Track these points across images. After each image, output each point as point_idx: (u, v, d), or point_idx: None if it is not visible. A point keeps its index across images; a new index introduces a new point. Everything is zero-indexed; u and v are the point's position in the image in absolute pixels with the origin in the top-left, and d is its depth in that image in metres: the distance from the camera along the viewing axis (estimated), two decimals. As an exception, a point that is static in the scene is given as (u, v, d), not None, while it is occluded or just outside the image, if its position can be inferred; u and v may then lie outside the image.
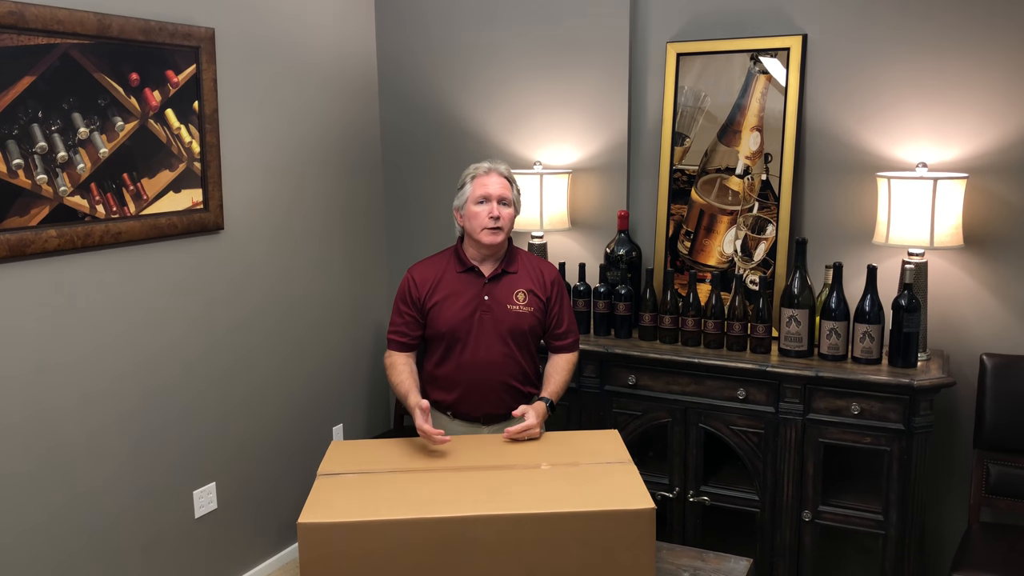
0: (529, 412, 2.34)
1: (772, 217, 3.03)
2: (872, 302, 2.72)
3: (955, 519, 2.93)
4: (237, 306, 3.08)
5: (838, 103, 2.95)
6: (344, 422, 3.65)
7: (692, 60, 3.13)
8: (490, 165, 2.50)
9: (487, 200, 2.44)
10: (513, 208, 2.50)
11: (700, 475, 2.94)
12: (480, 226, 2.44)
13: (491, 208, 2.44)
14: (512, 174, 2.54)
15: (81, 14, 2.46)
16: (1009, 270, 2.79)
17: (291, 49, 3.24)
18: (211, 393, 3.00)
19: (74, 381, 2.55)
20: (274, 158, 3.20)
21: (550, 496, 1.97)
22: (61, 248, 2.47)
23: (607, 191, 3.34)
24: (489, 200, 2.44)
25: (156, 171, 2.74)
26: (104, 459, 2.65)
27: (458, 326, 2.45)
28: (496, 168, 2.50)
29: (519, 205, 2.54)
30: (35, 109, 2.38)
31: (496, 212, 2.44)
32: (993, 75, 2.74)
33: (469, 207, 2.47)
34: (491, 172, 2.48)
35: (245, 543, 3.19)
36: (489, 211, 2.44)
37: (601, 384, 3.04)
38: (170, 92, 2.76)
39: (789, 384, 2.74)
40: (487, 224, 2.43)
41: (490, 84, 3.50)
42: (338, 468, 2.14)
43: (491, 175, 2.48)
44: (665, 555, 2.22)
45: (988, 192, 2.78)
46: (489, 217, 2.43)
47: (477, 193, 2.46)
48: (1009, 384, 2.68)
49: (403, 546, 1.86)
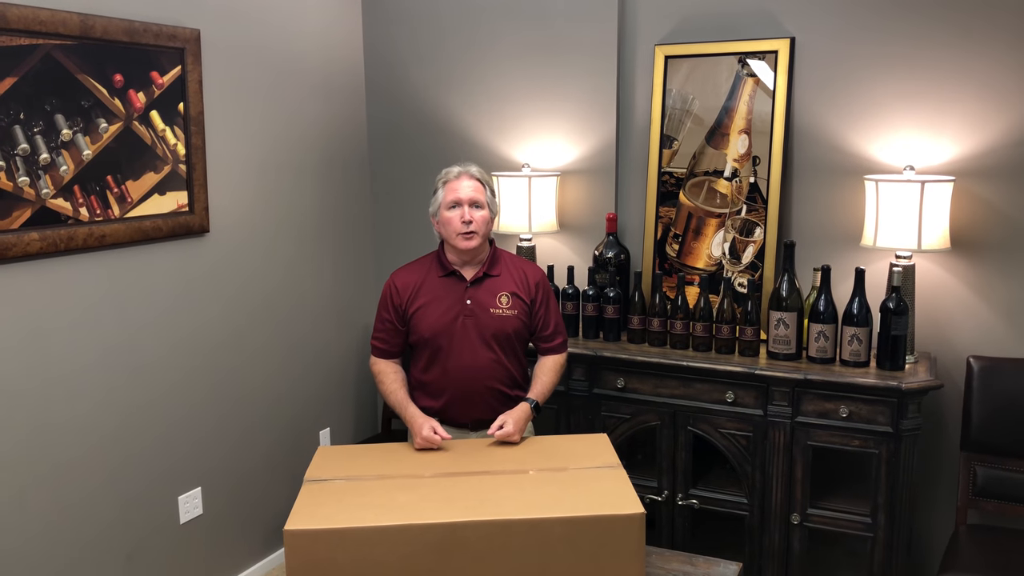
0: (508, 421, 2.33)
1: (760, 220, 3.03)
2: (860, 305, 2.73)
3: (943, 521, 2.94)
4: (223, 310, 3.06)
5: (826, 106, 2.96)
6: (331, 426, 3.63)
7: (680, 63, 3.13)
8: (460, 169, 2.47)
9: (458, 205, 2.42)
10: (487, 210, 2.46)
11: (689, 478, 2.93)
12: (454, 231, 2.43)
13: (463, 212, 2.41)
14: (486, 176, 2.50)
15: (64, 14, 2.43)
16: (995, 273, 2.80)
17: (278, 50, 3.22)
18: (197, 397, 2.97)
19: (57, 386, 2.52)
20: (261, 160, 3.18)
21: (539, 501, 1.96)
22: (43, 251, 2.44)
23: (595, 194, 3.34)
24: (460, 204, 2.42)
25: (141, 173, 2.71)
26: (88, 463, 2.61)
27: (440, 331, 2.44)
28: (467, 171, 2.46)
29: (495, 207, 2.51)
30: (17, 111, 2.35)
31: (468, 216, 2.41)
32: (979, 79, 2.75)
33: (442, 212, 2.45)
34: (462, 176, 2.45)
35: (231, 549, 3.16)
36: (461, 215, 2.41)
37: (590, 387, 3.03)
38: (155, 94, 2.73)
39: (777, 387, 2.74)
40: (460, 229, 2.42)
41: (478, 86, 3.49)
42: (325, 474, 2.13)
43: (462, 179, 2.44)
44: (655, 560, 2.21)
45: (975, 195, 2.79)
46: (462, 222, 2.41)
47: (448, 198, 2.43)
48: (995, 386, 2.69)
49: (391, 553, 1.85)
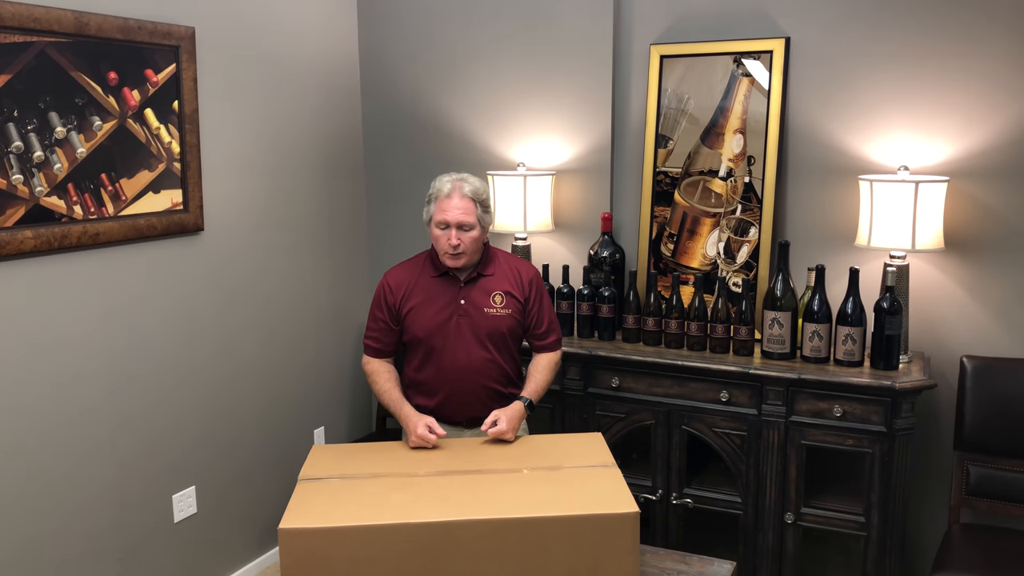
0: (501, 418, 2.33)
1: (755, 219, 3.04)
2: (854, 305, 2.73)
3: (936, 520, 2.95)
4: (217, 309, 3.05)
5: (821, 106, 2.97)
6: (326, 425, 3.63)
7: (675, 62, 3.13)
8: (451, 187, 2.41)
9: (447, 226, 2.39)
10: (478, 228, 2.41)
11: (683, 477, 2.94)
12: (441, 251, 2.43)
13: (450, 235, 2.39)
14: (480, 189, 2.44)
15: (58, 12, 2.42)
16: (989, 273, 2.81)
17: (273, 48, 3.22)
18: (191, 396, 2.97)
19: (50, 384, 2.51)
20: (255, 158, 3.17)
21: (534, 500, 1.96)
22: (37, 249, 2.43)
23: (591, 193, 3.34)
24: (448, 227, 2.39)
25: (135, 171, 2.71)
26: (82, 462, 2.61)
27: (434, 331, 2.44)
28: (459, 188, 2.40)
29: (487, 221, 2.45)
30: (10, 108, 2.34)
31: (455, 240, 2.38)
32: (974, 80, 2.76)
33: (432, 228, 2.43)
34: (452, 195, 2.40)
35: (225, 547, 3.16)
36: (448, 238, 2.39)
37: (584, 386, 3.03)
38: (149, 91, 2.73)
39: (772, 386, 2.74)
40: (447, 250, 2.40)
41: (474, 85, 3.48)
42: (320, 472, 2.13)
43: (452, 198, 2.39)
44: (649, 558, 2.21)
45: (969, 195, 2.80)
46: (448, 244, 2.39)
47: (437, 218, 2.41)
48: (988, 386, 2.70)
49: (385, 551, 1.85)
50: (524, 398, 2.45)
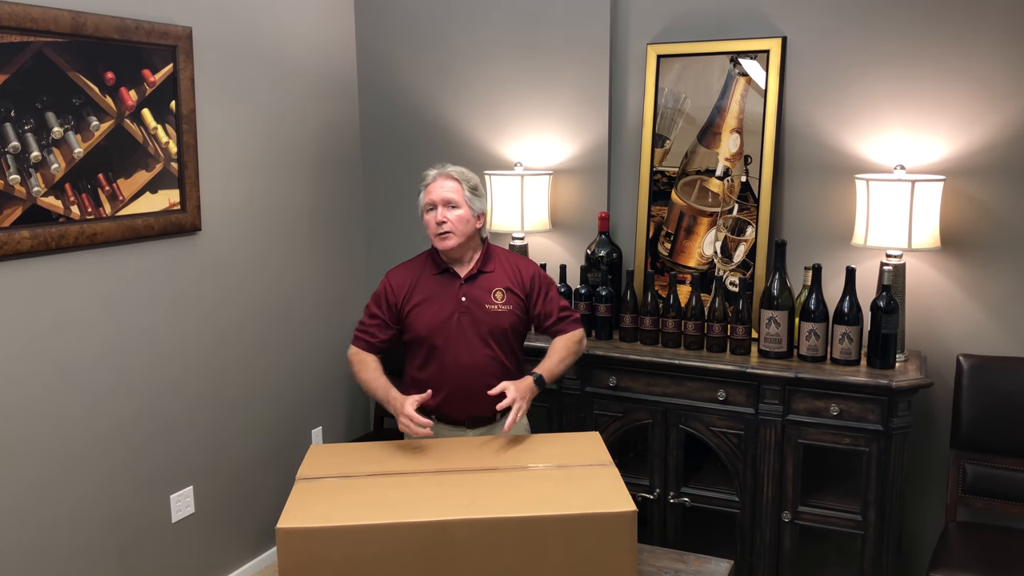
0: (510, 387, 2.32)
1: (752, 219, 3.04)
2: (851, 303, 2.74)
3: (933, 519, 2.96)
4: (215, 309, 3.05)
5: (817, 105, 2.97)
6: (323, 425, 3.63)
7: (672, 62, 3.14)
8: (437, 171, 2.48)
9: (433, 207, 2.44)
10: (466, 208, 2.45)
11: (680, 476, 2.94)
12: (431, 233, 2.46)
13: (436, 214, 2.43)
14: (467, 174, 2.50)
15: (55, 12, 2.42)
16: (985, 272, 2.82)
17: (270, 48, 3.22)
18: (188, 395, 2.97)
19: (47, 385, 2.51)
20: (253, 158, 3.17)
21: (531, 499, 1.96)
22: (34, 250, 2.43)
23: (588, 193, 3.34)
24: (435, 206, 2.44)
25: (132, 171, 2.71)
26: (79, 462, 2.61)
27: (436, 329, 2.44)
28: (443, 172, 2.47)
29: (476, 204, 2.48)
30: (7, 108, 2.34)
31: (441, 216, 2.42)
32: (970, 79, 2.76)
33: (424, 216, 2.48)
34: (438, 178, 2.47)
35: (223, 547, 3.16)
36: (435, 217, 2.43)
37: (582, 386, 3.03)
38: (147, 91, 2.73)
39: (769, 385, 2.75)
40: (435, 230, 2.44)
41: (471, 84, 3.49)
42: (317, 472, 2.13)
43: (437, 180, 2.46)
44: (646, 557, 2.22)
45: (965, 194, 2.80)
46: (436, 223, 2.43)
47: (424, 200, 2.47)
48: (985, 384, 2.70)
49: (383, 551, 1.85)
50: (535, 373, 2.44)
